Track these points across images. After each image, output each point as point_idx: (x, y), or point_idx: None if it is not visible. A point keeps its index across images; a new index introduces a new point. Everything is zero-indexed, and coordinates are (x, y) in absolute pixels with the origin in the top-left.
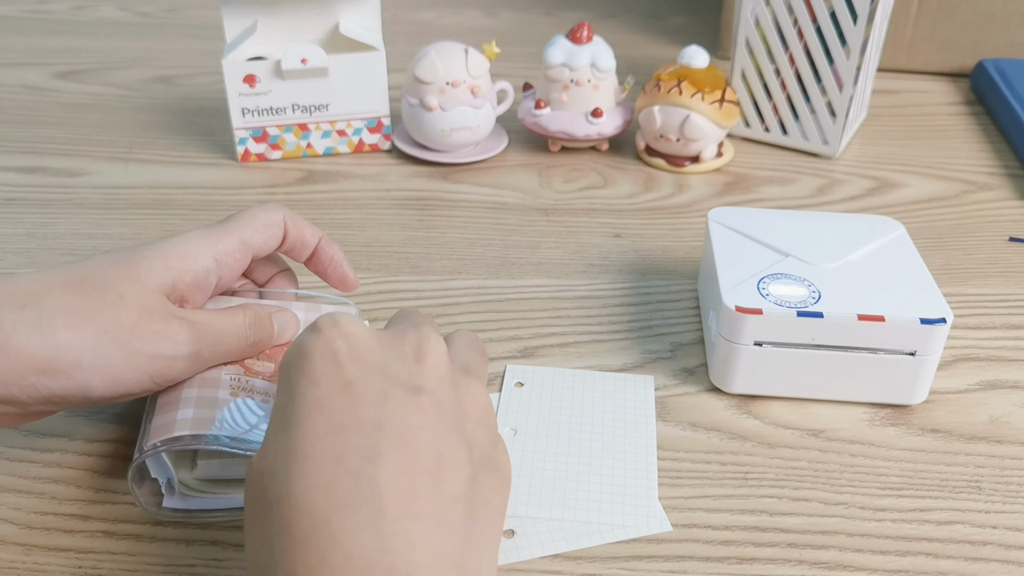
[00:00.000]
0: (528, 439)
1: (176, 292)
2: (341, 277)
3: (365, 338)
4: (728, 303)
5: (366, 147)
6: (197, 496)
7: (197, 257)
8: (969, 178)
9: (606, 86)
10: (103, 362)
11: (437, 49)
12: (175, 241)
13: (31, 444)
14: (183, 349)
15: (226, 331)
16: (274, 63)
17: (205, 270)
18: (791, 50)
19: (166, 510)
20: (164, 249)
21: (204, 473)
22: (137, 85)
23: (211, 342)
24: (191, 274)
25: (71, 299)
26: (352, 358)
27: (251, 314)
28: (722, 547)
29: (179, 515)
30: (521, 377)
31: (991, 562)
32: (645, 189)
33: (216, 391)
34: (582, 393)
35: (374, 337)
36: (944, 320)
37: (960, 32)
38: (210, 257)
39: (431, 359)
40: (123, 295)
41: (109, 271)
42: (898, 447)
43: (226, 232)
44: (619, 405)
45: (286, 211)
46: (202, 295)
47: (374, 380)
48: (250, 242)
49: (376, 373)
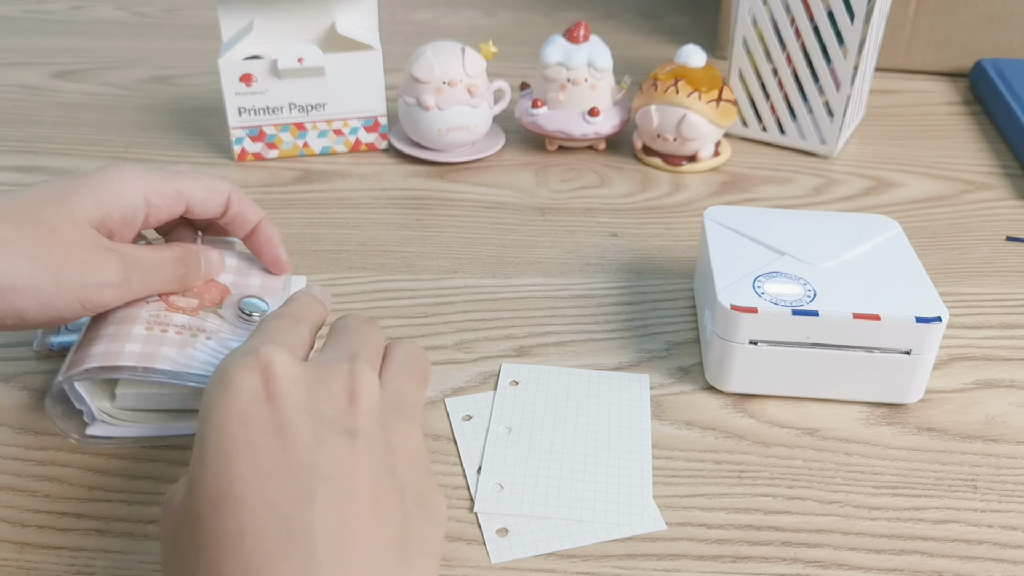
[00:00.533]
0: (522, 438)
1: (105, 227)
2: (274, 258)
3: (296, 376)
4: (723, 302)
5: (363, 146)
6: (120, 424)
7: (128, 195)
8: (967, 178)
9: (603, 85)
10: (35, 287)
11: (434, 48)
12: (111, 177)
13: (25, 442)
14: (112, 277)
15: (153, 263)
16: (270, 62)
17: (134, 208)
18: (788, 49)
19: (89, 437)
20: (98, 186)
21: (123, 403)
22: (134, 85)
23: (139, 272)
24: (120, 211)
25: (7, 230)
26: (284, 398)
27: (179, 250)
28: (716, 546)
29: (102, 442)
30: (516, 376)
31: (986, 561)
32: (642, 188)
33: (132, 327)
34: (577, 392)
35: (305, 373)
36: (940, 319)
37: (958, 32)
38: (141, 197)
39: (364, 400)
40: (55, 228)
41: (43, 205)
42: (893, 446)
43: (164, 179)
44: (614, 404)
45: (235, 187)
46: (130, 231)
47: (306, 422)
48: (185, 194)
49: (308, 415)
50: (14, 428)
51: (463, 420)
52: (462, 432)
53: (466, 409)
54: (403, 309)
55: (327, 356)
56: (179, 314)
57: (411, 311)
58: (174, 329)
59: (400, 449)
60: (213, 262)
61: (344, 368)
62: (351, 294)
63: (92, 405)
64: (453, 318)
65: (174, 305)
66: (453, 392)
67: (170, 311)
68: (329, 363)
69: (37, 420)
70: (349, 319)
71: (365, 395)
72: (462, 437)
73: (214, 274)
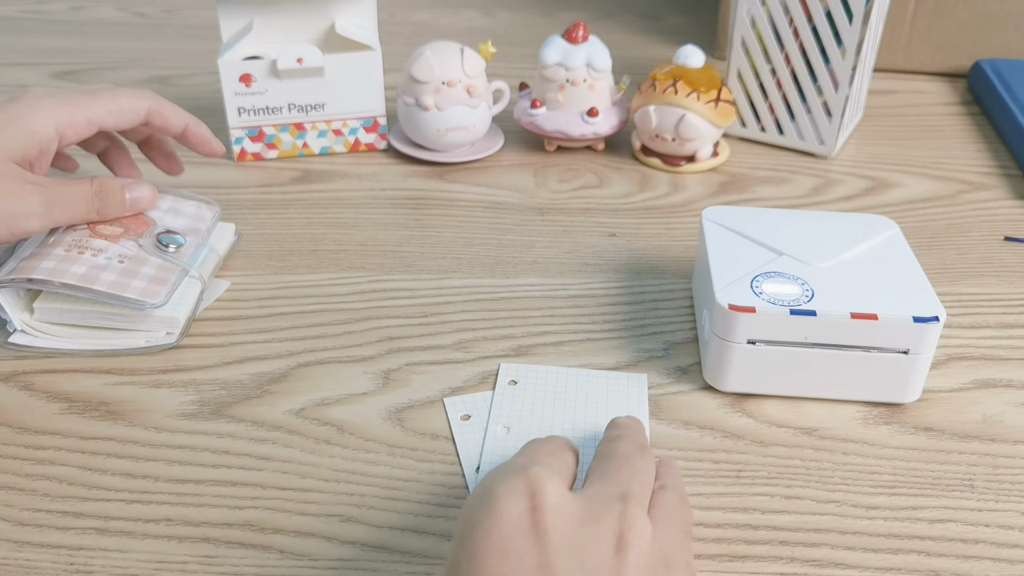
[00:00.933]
0: (521, 438)
1: (26, 160)
2: (210, 151)
3: (566, 509)
4: (721, 301)
5: (362, 146)
6: (40, 336)
7: (41, 130)
8: (965, 178)
9: (602, 86)
10: None
11: (433, 49)
12: (24, 114)
13: (24, 441)
14: (35, 208)
15: (74, 195)
16: (270, 63)
17: (48, 140)
18: (787, 50)
19: (10, 345)
20: (15, 124)
21: (40, 316)
22: (134, 85)
23: (61, 203)
24: (36, 146)
25: None
26: (550, 534)
27: (97, 183)
28: (714, 545)
29: (23, 350)
30: (515, 375)
31: (983, 560)
32: (640, 189)
33: (53, 248)
34: (575, 392)
35: (574, 508)
36: (937, 318)
37: (957, 33)
38: (53, 129)
39: (634, 552)
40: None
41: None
42: (891, 446)
43: (76, 107)
44: (612, 404)
45: (154, 100)
46: (46, 160)
47: (570, 567)
48: (97, 120)
49: (573, 558)
50: (14, 427)
51: (461, 420)
52: (460, 432)
53: (464, 408)
54: (402, 309)
55: (597, 490)
56: (100, 240)
57: (410, 311)
58: (90, 252)
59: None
60: (141, 198)
61: (616, 509)
62: (350, 294)
63: (13, 316)
64: (452, 318)
65: (98, 232)
66: (452, 392)
67: (92, 237)
68: (601, 500)
69: (37, 419)
70: (621, 443)
71: (635, 545)
72: (460, 436)
73: (141, 208)
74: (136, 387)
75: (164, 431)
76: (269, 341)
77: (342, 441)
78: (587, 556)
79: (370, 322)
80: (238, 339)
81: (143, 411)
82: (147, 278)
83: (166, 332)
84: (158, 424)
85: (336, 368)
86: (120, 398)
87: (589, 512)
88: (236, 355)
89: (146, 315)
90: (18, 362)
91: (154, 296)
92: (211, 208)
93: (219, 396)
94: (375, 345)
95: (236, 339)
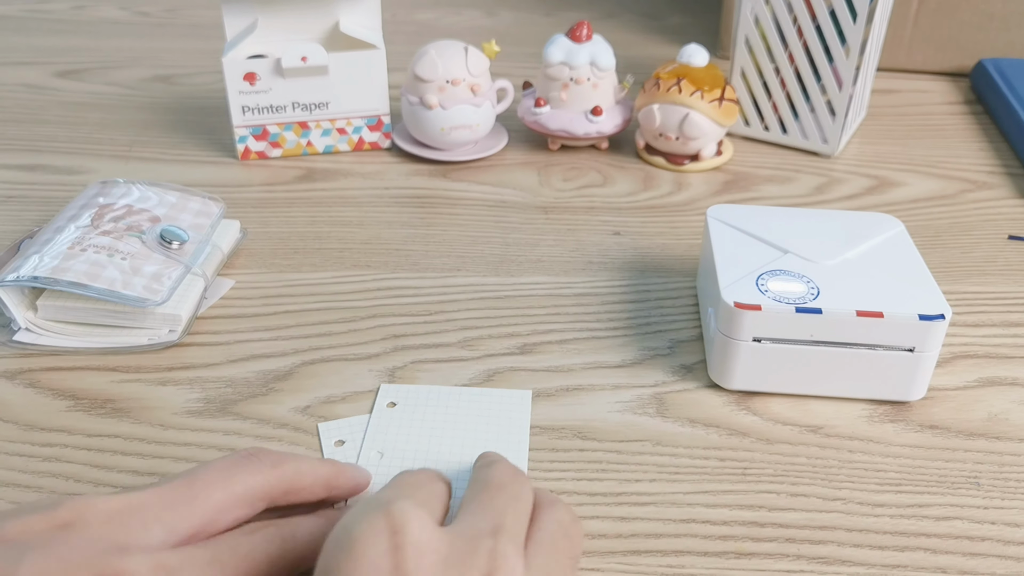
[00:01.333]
0: (394, 462)
1: None
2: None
3: (431, 547)
4: (727, 299)
5: (366, 145)
6: (44, 334)
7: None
8: (968, 177)
9: (605, 84)
10: None
11: (437, 47)
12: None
13: (30, 439)
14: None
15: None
16: (274, 61)
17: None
18: (791, 49)
19: (15, 343)
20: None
21: (44, 314)
22: (137, 84)
23: None
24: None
25: None
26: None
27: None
28: (720, 542)
29: (28, 348)
30: (395, 396)
31: (989, 557)
32: (644, 187)
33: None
34: (456, 412)
35: (441, 546)
36: (943, 316)
37: (959, 32)
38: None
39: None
40: None
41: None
42: (896, 443)
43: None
44: (493, 423)
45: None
46: None
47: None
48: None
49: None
50: (20, 425)
51: (335, 446)
52: (333, 459)
53: (339, 434)
54: (407, 307)
55: (468, 523)
56: (103, 236)
57: (415, 309)
58: (93, 249)
59: None
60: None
61: (486, 547)
62: (355, 292)
63: (16, 314)
64: (457, 316)
65: (100, 229)
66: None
67: (94, 234)
68: (470, 536)
69: (43, 416)
70: (496, 470)
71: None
72: None
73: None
74: (142, 384)
75: (170, 428)
76: (274, 339)
77: None
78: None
79: (375, 320)
80: (243, 337)
81: (149, 408)
82: (149, 275)
83: (168, 330)
84: (164, 421)
85: (341, 366)
86: (126, 395)
87: (456, 550)
88: (242, 353)
89: (148, 312)
90: (23, 359)
91: (155, 293)
92: (216, 205)
93: (225, 394)
94: (380, 343)
95: (241, 337)
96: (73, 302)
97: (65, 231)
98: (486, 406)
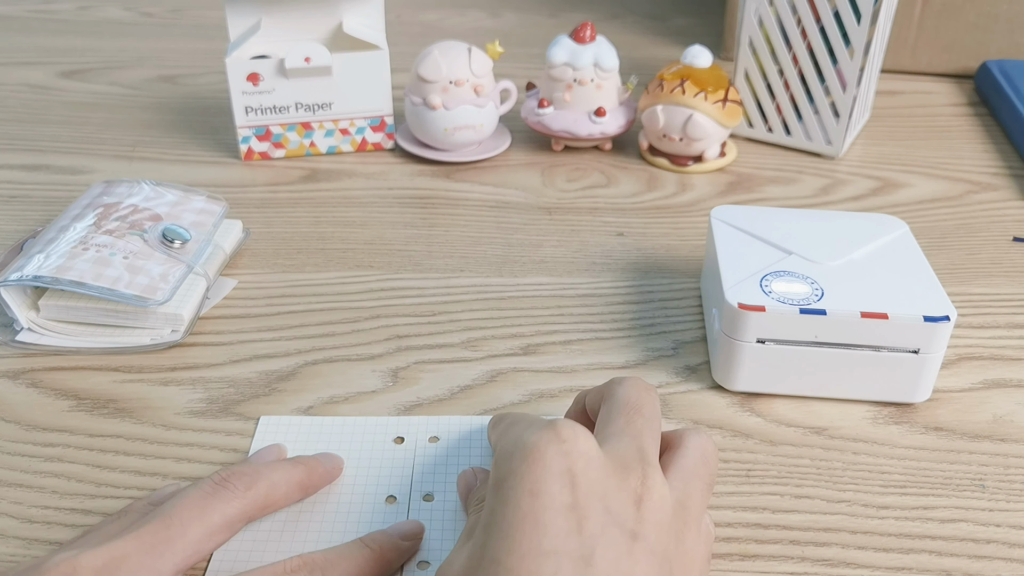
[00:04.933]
0: (447, 506)
1: None
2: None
3: (595, 460)
4: (731, 300)
5: (369, 146)
6: (47, 334)
7: None
8: (973, 178)
9: (609, 85)
10: None
11: (440, 48)
12: None
13: (32, 439)
14: None
15: None
16: (278, 62)
17: None
18: (794, 50)
19: (18, 343)
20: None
21: (47, 314)
22: (141, 84)
23: None
24: None
25: None
26: (582, 480)
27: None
28: (724, 544)
29: (30, 348)
30: (435, 431)
31: (995, 560)
32: (648, 188)
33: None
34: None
35: (602, 458)
36: (948, 318)
37: (964, 33)
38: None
39: (651, 508)
40: None
41: None
42: (901, 445)
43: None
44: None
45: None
46: None
47: (596, 510)
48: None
49: (599, 503)
50: (22, 425)
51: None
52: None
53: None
54: (410, 308)
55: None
56: (104, 235)
57: (418, 310)
58: (95, 248)
59: (678, 559)
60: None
61: (638, 470)
62: (358, 292)
63: (19, 314)
64: (460, 316)
65: (102, 228)
66: (460, 390)
67: (96, 234)
68: (621, 457)
69: (45, 416)
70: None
71: (653, 501)
72: None
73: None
74: (145, 384)
75: (172, 428)
76: (277, 339)
77: None
78: (611, 503)
79: (378, 320)
80: (246, 337)
81: (152, 408)
82: (151, 275)
83: (171, 330)
84: (167, 422)
85: (345, 366)
86: (128, 395)
87: (615, 465)
88: (244, 353)
89: (149, 312)
90: (26, 359)
91: (157, 293)
92: (218, 204)
93: (227, 394)
94: (383, 343)
95: (244, 337)
96: (75, 302)
97: (69, 231)
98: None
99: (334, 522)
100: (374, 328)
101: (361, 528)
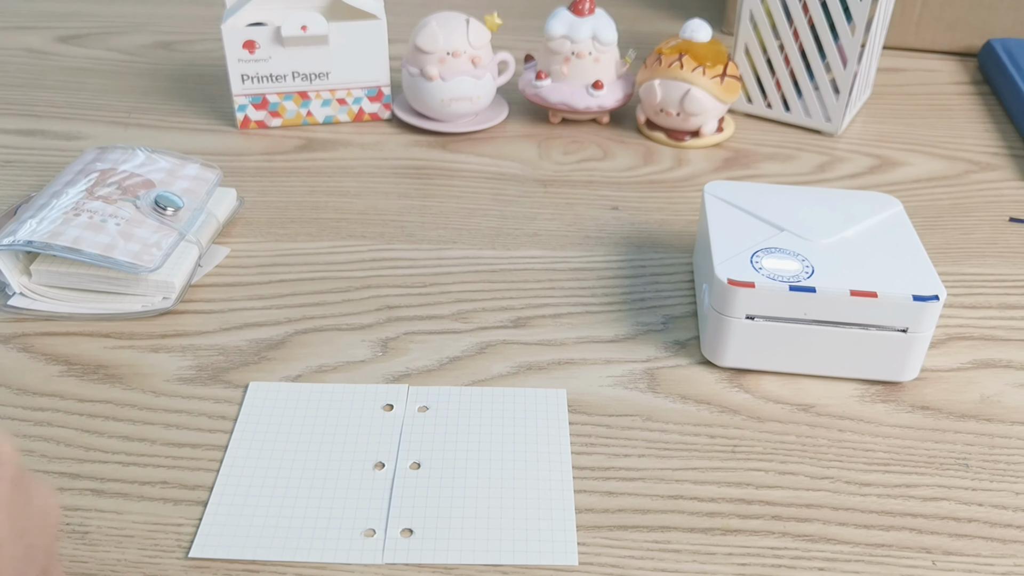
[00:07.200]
0: (433, 474)
1: None
2: None
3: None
4: (720, 275)
5: (366, 116)
6: (38, 299)
7: None
8: (972, 158)
9: (607, 59)
10: None
11: (438, 19)
12: None
13: (23, 403)
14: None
15: None
16: (274, 29)
17: None
18: (795, 25)
19: (10, 308)
20: None
21: (38, 279)
22: (138, 50)
23: None
24: None
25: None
26: None
27: None
28: (707, 518)
29: (23, 312)
30: (425, 400)
31: (975, 539)
32: (644, 162)
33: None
34: (491, 414)
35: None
36: (937, 297)
37: (969, 11)
38: None
39: None
40: None
41: None
42: (887, 423)
43: None
44: (531, 426)
45: None
46: None
47: None
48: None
49: None
50: (13, 389)
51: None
52: None
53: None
54: (402, 278)
55: None
56: (97, 202)
57: (409, 280)
58: (87, 214)
59: None
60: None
61: None
62: (350, 262)
63: (11, 279)
64: (451, 288)
65: (94, 194)
66: (449, 361)
67: (89, 199)
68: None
69: (35, 381)
70: None
71: None
72: None
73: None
74: (135, 351)
75: (162, 395)
76: (268, 308)
77: None
78: None
79: (369, 291)
80: (237, 305)
81: (141, 375)
82: (142, 241)
83: (162, 297)
84: (156, 388)
85: (334, 336)
86: (119, 362)
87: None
88: (235, 321)
89: (141, 279)
90: (17, 324)
91: (149, 260)
92: (212, 172)
93: (217, 362)
94: (374, 314)
95: (235, 305)
96: (67, 267)
97: (62, 196)
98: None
99: (323, 487)
100: (365, 298)
101: (350, 493)
